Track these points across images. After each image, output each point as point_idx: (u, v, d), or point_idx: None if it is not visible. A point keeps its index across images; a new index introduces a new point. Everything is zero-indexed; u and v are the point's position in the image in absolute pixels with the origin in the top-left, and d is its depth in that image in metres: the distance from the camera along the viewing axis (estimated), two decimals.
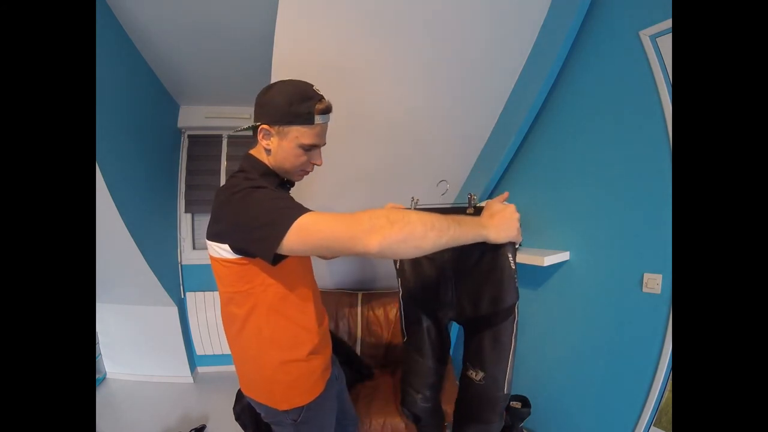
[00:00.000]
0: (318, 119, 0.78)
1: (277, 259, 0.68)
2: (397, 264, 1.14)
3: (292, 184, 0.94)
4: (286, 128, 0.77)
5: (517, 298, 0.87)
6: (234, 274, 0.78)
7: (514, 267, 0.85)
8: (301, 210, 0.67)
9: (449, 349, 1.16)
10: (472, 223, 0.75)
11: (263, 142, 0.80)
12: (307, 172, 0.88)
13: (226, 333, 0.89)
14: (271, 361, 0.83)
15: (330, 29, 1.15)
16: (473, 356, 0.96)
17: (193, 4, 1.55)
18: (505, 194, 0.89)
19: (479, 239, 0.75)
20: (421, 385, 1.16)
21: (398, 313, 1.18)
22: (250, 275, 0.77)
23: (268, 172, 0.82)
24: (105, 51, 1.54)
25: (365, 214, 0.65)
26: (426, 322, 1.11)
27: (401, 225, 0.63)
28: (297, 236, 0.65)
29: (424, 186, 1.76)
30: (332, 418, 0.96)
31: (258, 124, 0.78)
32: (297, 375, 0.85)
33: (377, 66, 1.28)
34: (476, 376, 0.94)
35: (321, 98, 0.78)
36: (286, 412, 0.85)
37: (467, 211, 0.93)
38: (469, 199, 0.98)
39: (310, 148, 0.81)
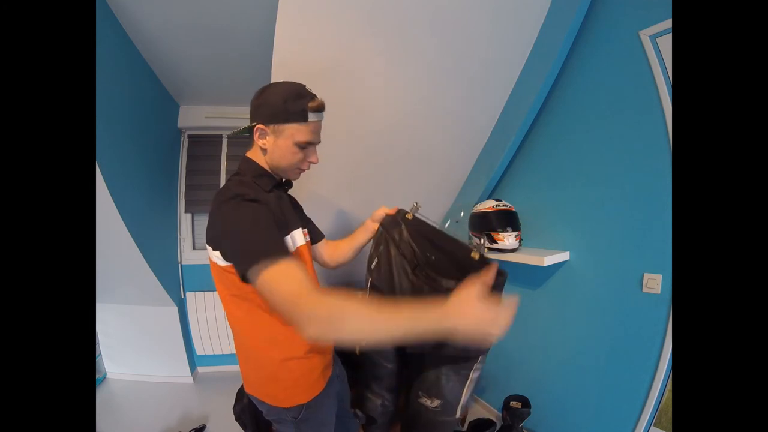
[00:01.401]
0: (312, 116, 0.80)
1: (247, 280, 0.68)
2: (372, 264, 1.06)
3: (290, 185, 0.95)
4: (281, 126, 0.79)
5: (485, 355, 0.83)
6: (228, 278, 0.78)
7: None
8: (270, 256, 0.65)
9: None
10: (434, 318, 0.61)
11: (259, 142, 0.82)
12: (303, 170, 0.89)
13: (232, 331, 0.90)
14: (272, 360, 0.84)
15: (330, 30, 1.16)
16: (430, 387, 0.90)
17: (194, 4, 1.55)
18: (515, 300, 0.65)
19: (441, 337, 0.61)
20: (382, 389, 1.11)
21: None
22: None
23: (262, 173, 0.84)
24: (105, 51, 1.54)
25: (312, 297, 0.62)
26: None
27: (337, 327, 0.60)
28: (257, 279, 0.64)
29: (425, 186, 1.77)
30: (332, 416, 0.97)
31: (254, 124, 0.80)
32: (299, 373, 0.86)
33: (378, 66, 1.28)
34: (431, 403, 0.90)
35: (314, 96, 0.81)
36: (287, 409, 0.86)
37: (471, 254, 0.79)
38: (478, 245, 0.89)
39: (306, 146, 0.83)
